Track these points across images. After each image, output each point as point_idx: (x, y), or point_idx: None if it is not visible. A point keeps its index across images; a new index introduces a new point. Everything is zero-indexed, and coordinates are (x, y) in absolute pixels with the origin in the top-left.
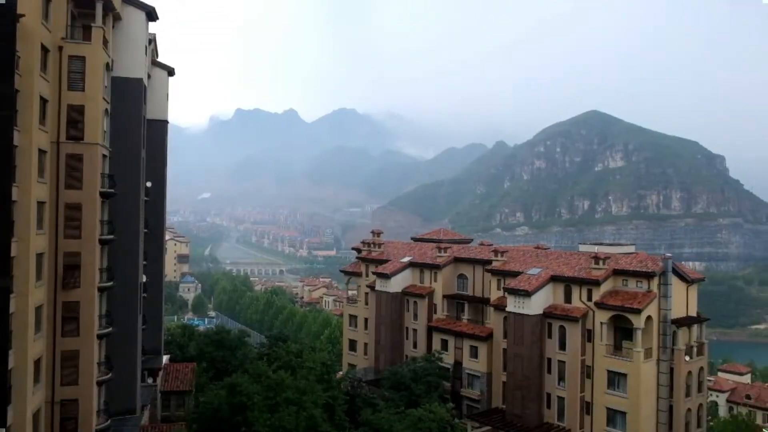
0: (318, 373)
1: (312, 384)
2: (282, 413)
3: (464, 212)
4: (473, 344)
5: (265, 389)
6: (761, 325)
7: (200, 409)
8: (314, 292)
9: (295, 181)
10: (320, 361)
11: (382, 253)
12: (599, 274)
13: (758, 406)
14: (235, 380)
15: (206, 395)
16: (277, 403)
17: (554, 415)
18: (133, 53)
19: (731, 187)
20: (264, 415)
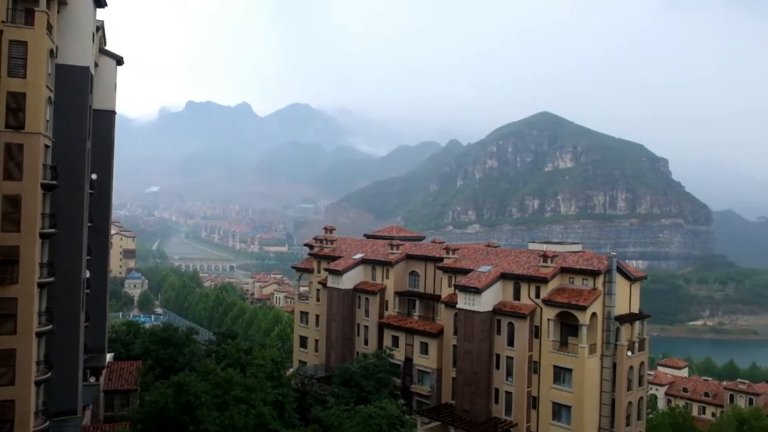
0: (268, 370)
1: (262, 381)
2: (231, 411)
3: (417, 210)
4: (424, 341)
5: (214, 387)
6: (698, 321)
7: (145, 408)
8: (265, 288)
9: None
10: (270, 359)
11: (334, 249)
12: (547, 272)
13: (694, 398)
14: (182, 378)
15: (152, 394)
16: (225, 401)
17: (502, 409)
18: (80, 40)
19: (673, 190)
20: (212, 413)
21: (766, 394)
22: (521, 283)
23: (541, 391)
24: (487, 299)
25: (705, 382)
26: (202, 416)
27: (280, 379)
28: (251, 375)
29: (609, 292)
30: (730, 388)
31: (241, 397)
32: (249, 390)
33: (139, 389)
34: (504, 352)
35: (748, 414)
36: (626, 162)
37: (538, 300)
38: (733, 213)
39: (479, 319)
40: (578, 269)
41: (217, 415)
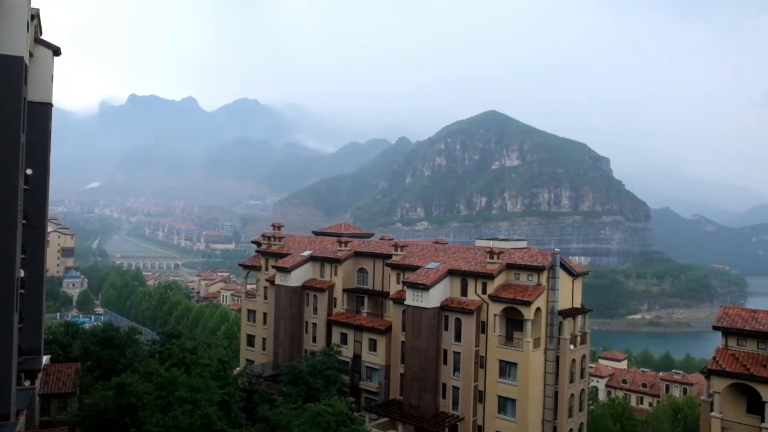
0: (214, 370)
1: (207, 381)
2: (175, 412)
3: (366, 207)
4: (372, 337)
5: (157, 388)
6: (637, 315)
7: (84, 411)
8: (211, 286)
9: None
10: (216, 358)
11: (282, 246)
12: (493, 268)
13: (633, 389)
14: (123, 380)
15: (91, 397)
16: (169, 402)
17: (449, 404)
18: (13, 28)
19: (614, 188)
20: (156, 414)
21: (699, 384)
22: (468, 279)
23: (487, 385)
24: (434, 296)
25: (643, 373)
26: (144, 418)
27: (226, 379)
28: (196, 375)
29: (553, 288)
30: (666, 379)
31: (185, 397)
32: (194, 390)
33: (77, 392)
34: (451, 347)
35: (682, 403)
36: (570, 161)
37: (485, 296)
38: (670, 211)
39: (427, 316)
40: (523, 265)
41: (161, 416)
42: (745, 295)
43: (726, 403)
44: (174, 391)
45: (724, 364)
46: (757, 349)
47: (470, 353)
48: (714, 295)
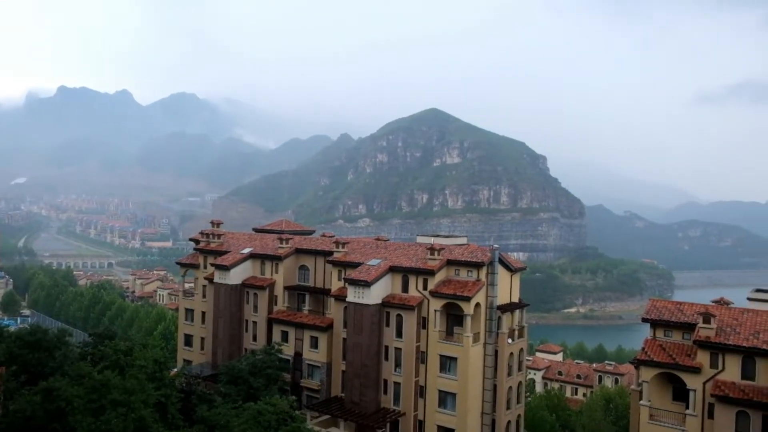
0: (150, 371)
1: (142, 383)
2: (108, 416)
3: (307, 203)
4: (314, 335)
5: (88, 392)
6: (572, 309)
7: (9, 418)
8: (147, 285)
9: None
10: (152, 359)
11: (221, 244)
12: (434, 265)
13: (568, 381)
14: (52, 384)
15: (17, 402)
16: (102, 405)
17: (390, 400)
18: None
19: (551, 185)
20: (87, 419)
21: (630, 374)
22: (409, 275)
23: (428, 380)
24: (376, 292)
25: (577, 365)
26: (74, 423)
27: (162, 380)
28: (131, 377)
29: (492, 283)
30: (599, 370)
31: (119, 400)
32: (128, 393)
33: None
34: (393, 343)
35: (614, 392)
36: (509, 159)
37: (426, 292)
38: (603, 208)
39: (369, 312)
40: (463, 261)
41: (92, 420)
42: (672, 289)
43: (654, 391)
44: (107, 394)
45: (652, 354)
46: (683, 340)
47: (411, 349)
48: (644, 289)
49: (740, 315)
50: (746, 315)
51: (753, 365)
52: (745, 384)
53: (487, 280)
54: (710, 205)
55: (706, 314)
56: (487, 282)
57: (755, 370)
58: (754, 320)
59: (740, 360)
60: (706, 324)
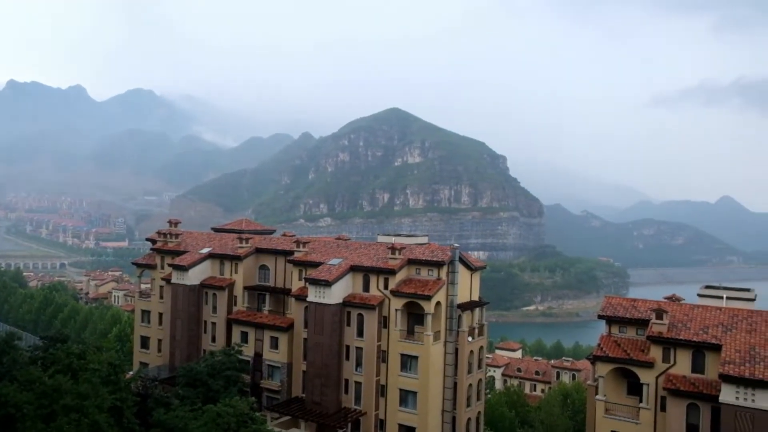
0: (104, 374)
1: (96, 387)
2: (60, 422)
3: (268, 203)
4: (274, 335)
5: (39, 397)
6: (531, 306)
7: None
8: (102, 286)
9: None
10: (107, 362)
11: (179, 244)
12: (395, 264)
13: (527, 377)
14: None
15: None
16: (53, 411)
17: (352, 399)
18: None
19: (510, 185)
20: (38, 425)
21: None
22: (371, 275)
23: (389, 379)
24: (337, 292)
25: (536, 361)
26: (25, 430)
27: (118, 384)
28: (84, 381)
29: (452, 282)
30: (556, 366)
31: (71, 405)
32: (82, 397)
33: None
34: (354, 343)
35: (571, 388)
36: (469, 158)
37: (387, 291)
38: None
39: (329, 312)
40: (424, 260)
41: (44, 427)
42: (627, 286)
43: (609, 386)
44: (59, 400)
45: (608, 350)
46: (636, 335)
47: (372, 348)
48: (600, 286)
49: (691, 311)
50: (696, 311)
51: (702, 359)
52: (695, 377)
53: (447, 279)
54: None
55: (658, 310)
56: (448, 281)
57: (704, 364)
58: (704, 316)
59: (691, 354)
60: (658, 320)
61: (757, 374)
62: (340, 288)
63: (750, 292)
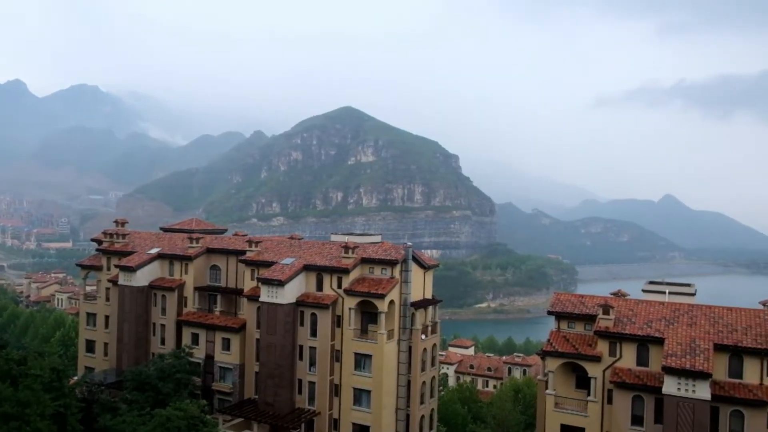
0: (46, 380)
1: (38, 394)
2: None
3: (219, 202)
4: (226, 336)
5: None
6: (483, 304)
7: None
8: (44, 289)
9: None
10: (49, 367)
11: (127, 244)
12: (348, 263)
13: (479, 374)
14: None
15: None
16: None
17: (305, 399)
18: None
19: (463, 184)
20: None
21: (537, 365)
22: (324, 274)
23: (343, 378)
24: (290, 291)
25: (488, 358)
26: None
27: (61, 390)
28: (25, 388)
29: (405, 281)
30: (508, 362)
31: (11, 413)
32: (22, 405)
33: None
34: (307, 342)
35: (522, 383)
36: (422, 157)
37: (340, 290)
38: (512, 206)
39: (282, 312)
40: (377, 259)
41: None
42: (576, 282)
43: (559, 380)
44: None
45: (557, 345)
46: (585, 330)
47: (326, 348)
48: (550, 283)
49: (635, 306)
50: (641, 306)
51: (647, 352)
52: (640, 370)
53: (400, 277)
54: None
55: (605, 306)
56: (401, 279)
57: (649, 357)
58: (648, 310)
59: (635, 348)
60: (605, 315)
61: (697, 366)
62: (293, 287)
63: (690, 287)
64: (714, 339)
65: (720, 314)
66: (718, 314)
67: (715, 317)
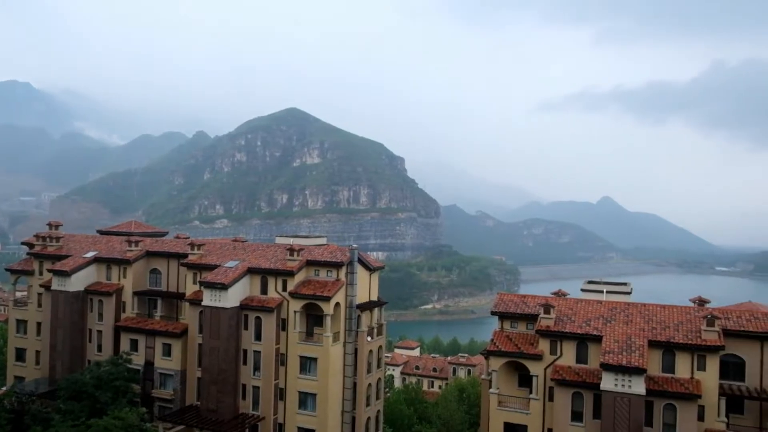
0: None
1: None
2: None
3: (160, 204)
4: (166, 342)
5: None
6: (429, 305)
7: None
8: None
9: None
10: None
11: (61, 247)
12: (293, 265)
13: (425, 374)
14: None
15: None
16: None
17: (249, 404)
18: None
19: (408, 186)
20: None
21: (481, 365)
22: (269, 277)
23: (288, 382)
24: (234, 295)
25: (433, 359)
26: None
27: None
28: None
29: (351, 283)
30: (453, 362)
31: None
32: None
33: None
34: (251, 346)
35: (467, 383)
36: (368, 159)
37: (285, 293)
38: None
39: (226, 316)
40: (323, 262)
41: None
42: (519, 283)
43: (502, 379)
44: None
45: (500, 344)
46: (527, 330)
47: (271, 351)
48: (493, 284)
49: (575, 305)
50: (580, 305)
51: (586, 350)
52: (579, 367)
53: (346, 279)
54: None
55: (546, 305)
56: (347, 281)
57: (588, 354)
58: (587, 309)
59: (575, 346)
60: (546, 314)
61: (633, 362)
62: (236, 291)
63: (627, 286)
64: (648, 336)
65: (654, 312)
66: (652, 312)
67: (649, 315)
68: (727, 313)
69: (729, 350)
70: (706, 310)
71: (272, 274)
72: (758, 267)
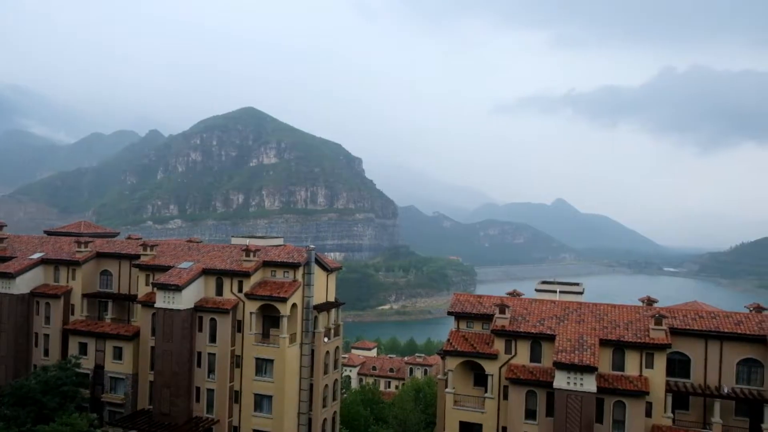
0: None
1: None
2: None
3: (112, 204)
4: (117, 345)
5: None
6: (386, 306)
7: None
8: None
9: None
10: None
11: (5, 249)
12: (250, 266)
13: (382, 375)
14: None
15: None
16: None
17: (203, 408)
18: None
19: (366, 187)
20: None
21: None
22: (224, 278)
23: (243, 384)
24: (188, 296)
25: (390, 359)
26: None
27: None
28: None
29: (308, 284)
30: (410, 363)
31: None
32: None
33: None
34: (206, 349)
35: (423, 383)
36: (326, 160)
37: (241, 294)
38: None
39: (180, 318)
40: (280, 262)
41: None
42: (475, 283)
43: (458, 379)
44: None
45: (456, 344)
46: (482, 330)
47: (226, 353)
48: (450, 284)
49: (529, 305)
50: (534, 304)
51: (539, 349)
52: (533, 366)
53: (303, 280)
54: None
55: (501, 305)
56: (304, 282)
57: (541, 353)
58: (540, 309)
59: (529, 345)
60: (501, 314)
61: (584, 360)
62: (191, 292)
63: (579, 286)
64: (600, 335)
65: (605, 311)
66: (603, 311)
67: (600, 314)
68: (674, 312)
69: (675, 348)
70: (655, 309)
71: (228, 275)
72: (703, 268)
